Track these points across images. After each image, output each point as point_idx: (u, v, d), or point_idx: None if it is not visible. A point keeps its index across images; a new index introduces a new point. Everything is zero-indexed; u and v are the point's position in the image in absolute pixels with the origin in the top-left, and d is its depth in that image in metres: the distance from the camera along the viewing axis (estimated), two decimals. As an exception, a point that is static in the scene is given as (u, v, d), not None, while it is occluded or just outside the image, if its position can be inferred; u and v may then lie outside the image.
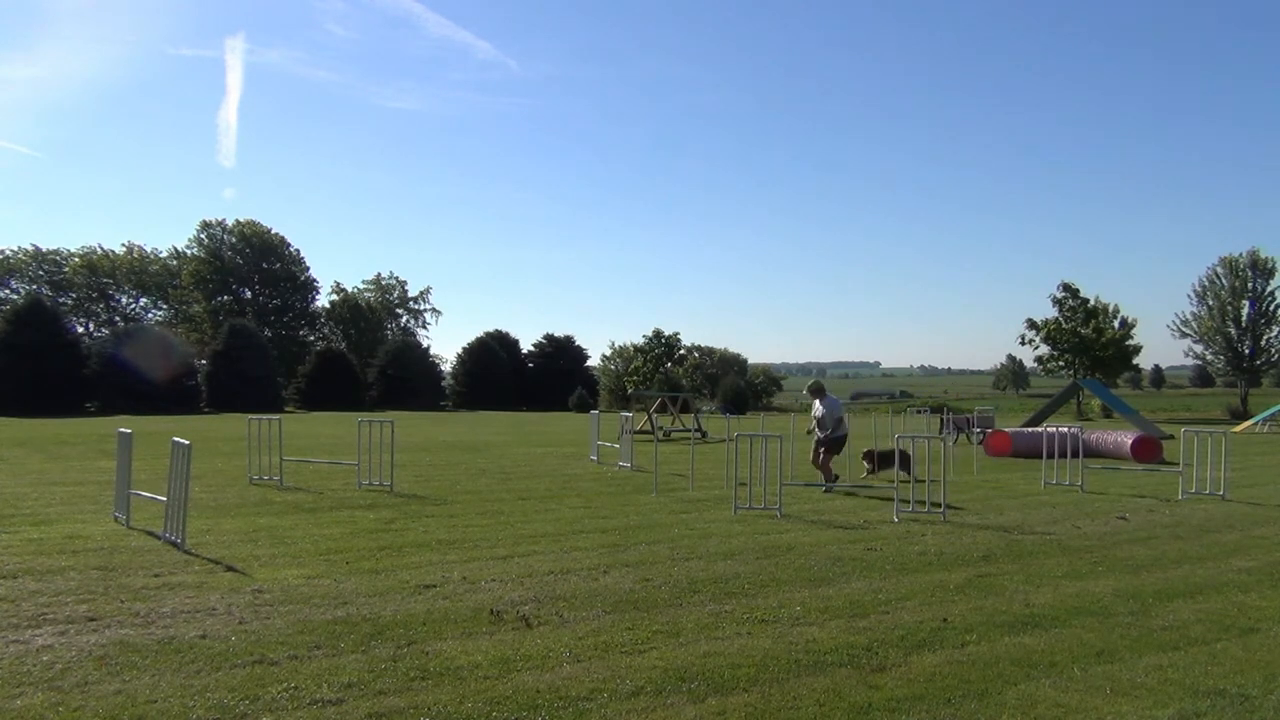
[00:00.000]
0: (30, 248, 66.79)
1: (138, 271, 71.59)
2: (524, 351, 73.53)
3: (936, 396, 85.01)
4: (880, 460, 14.04)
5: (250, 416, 15.01)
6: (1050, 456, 13.97)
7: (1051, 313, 50.01)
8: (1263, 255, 49.60)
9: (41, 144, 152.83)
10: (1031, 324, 50.18)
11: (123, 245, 71.69)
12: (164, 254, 73.36)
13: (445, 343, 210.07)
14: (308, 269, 75.53)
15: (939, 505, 10.25)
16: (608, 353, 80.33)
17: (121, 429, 10.09)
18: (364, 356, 69.47)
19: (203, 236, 72.38)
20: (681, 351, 74.59)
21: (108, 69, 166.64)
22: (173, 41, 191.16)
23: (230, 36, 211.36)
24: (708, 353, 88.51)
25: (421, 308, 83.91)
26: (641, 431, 23.84)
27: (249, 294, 73.94)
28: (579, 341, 74.37)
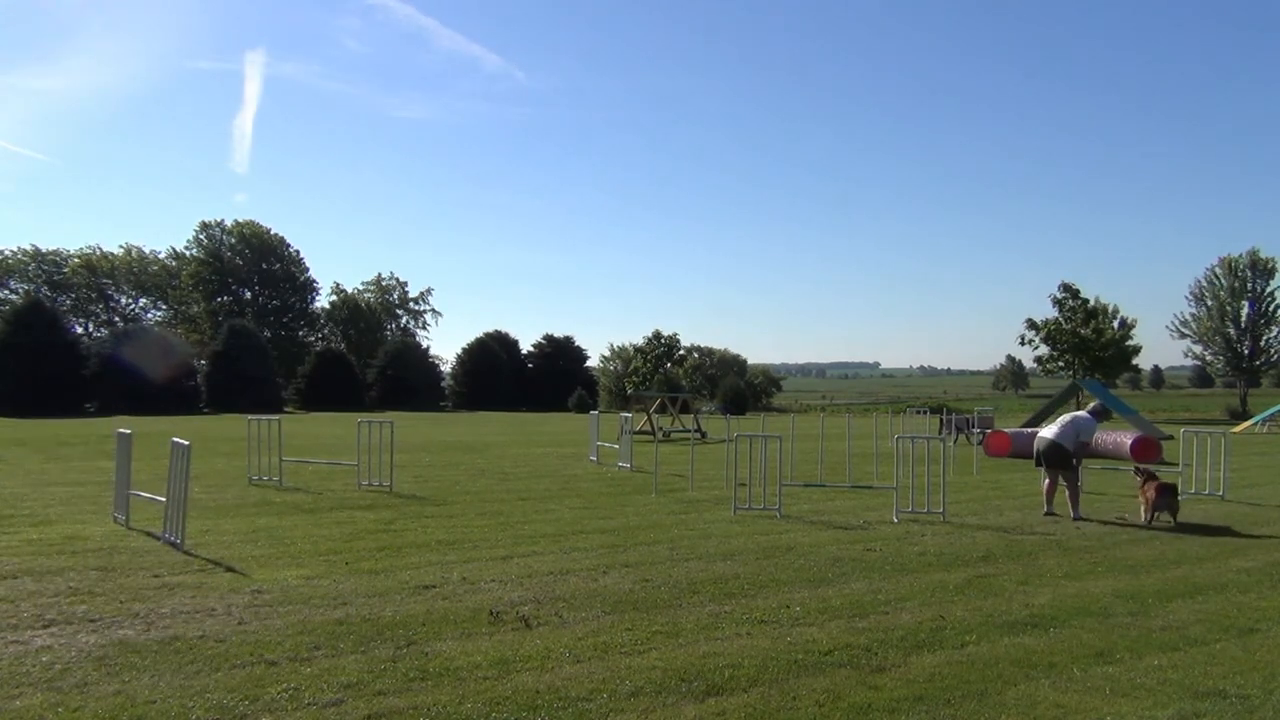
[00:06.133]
0: (30, 248, 66.86)
1: (137, 272, 71.57)
2: (524, 352, 73.58)
3: (936, 397, 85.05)
4: None
5: (250, 417, 14.99)
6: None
7: (1051, 313, 50.03)
8: (1262, 255, 49.69)
9: (59, 151, 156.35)
10: (1031, 324, 50.18)
11: (120, 246, 71.74)
12: (163, 254, 73.40)
13: (445, 343, 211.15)
14: (307, 270, 75.61)
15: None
16: (607, 353, 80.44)
17: (121, 429, 10.07)
18: (364, 357, 69.48)
19: (202, 237, 72.37)
20: (681, 352, 74.64)
21: (127, 80, 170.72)
22: (192, 55, 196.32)
23: (251, 50, 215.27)
24: (707, 353, 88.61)
25: (422, 308, 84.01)
26: (641, 432, 23.83)
27: (248, 294, 73.92)
28: (578, 342, 74.51)
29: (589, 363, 75.98)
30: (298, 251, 74.75)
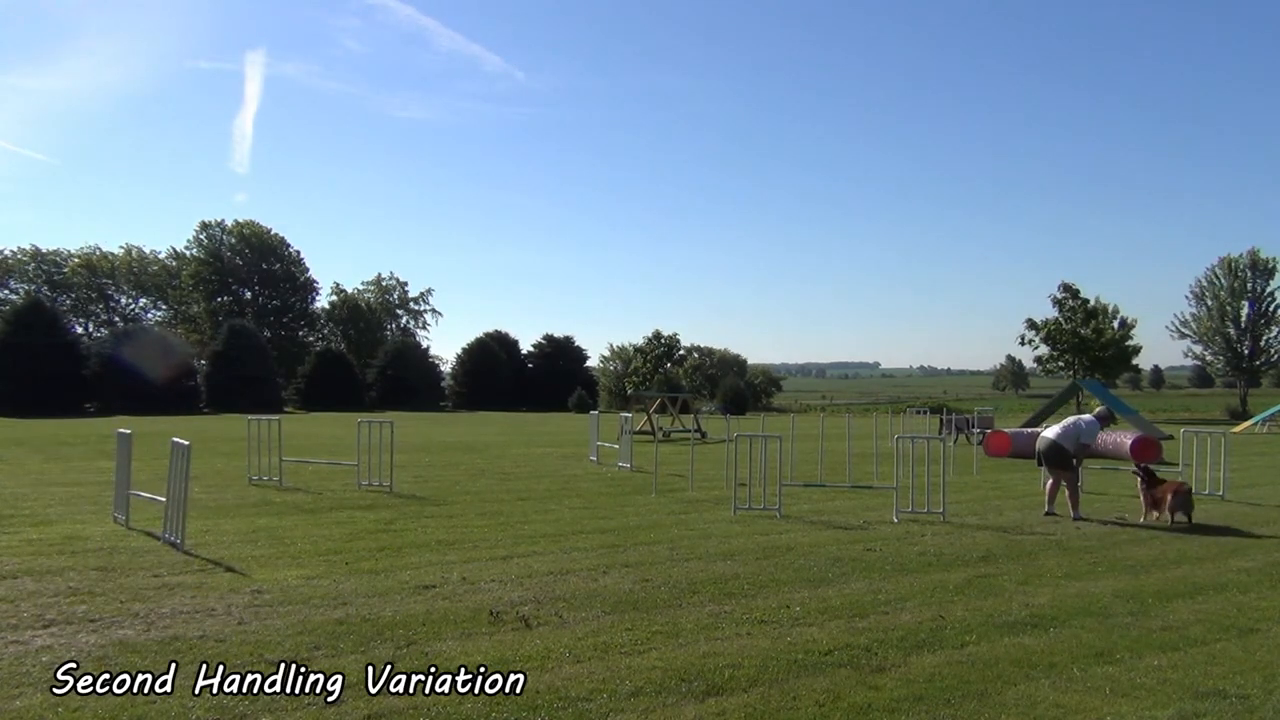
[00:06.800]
0: (30, 248, 66.85)
1: (137, 272, 71.55)
2: (524, 352, 73.54)
3: (936, 397, 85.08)
4: None
5: (250, 417, 14.99)
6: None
7: (1051, 313, 50.02)
8: (1262, 255, 49.69)
9: (59, 151, 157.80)
10: (1031, 324, 50.17)
11: (120, 246, 71.74)
12: (163, 254, 73.39)
13: (445, 343, 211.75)
14: (307, 270, 75.53)
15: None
16: (607, 353, 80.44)
17: (121, 429, 10.07)
18: (364, 357, 69.47)
19: (202, 237, 72.31)
20: (681, 352, 74.67)
21: (127, 80, 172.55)
22: (192, 55, 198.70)
23: (251, 50, 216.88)
24: (707, 353, 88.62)
25: (422, 308, 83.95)
26: (641, 432, 23.84)
27: (248, 294, 73.87)
28: (578, 342, 74.47)
29: (589, 363, 75.93)
30: (298, 251, 74.72)
